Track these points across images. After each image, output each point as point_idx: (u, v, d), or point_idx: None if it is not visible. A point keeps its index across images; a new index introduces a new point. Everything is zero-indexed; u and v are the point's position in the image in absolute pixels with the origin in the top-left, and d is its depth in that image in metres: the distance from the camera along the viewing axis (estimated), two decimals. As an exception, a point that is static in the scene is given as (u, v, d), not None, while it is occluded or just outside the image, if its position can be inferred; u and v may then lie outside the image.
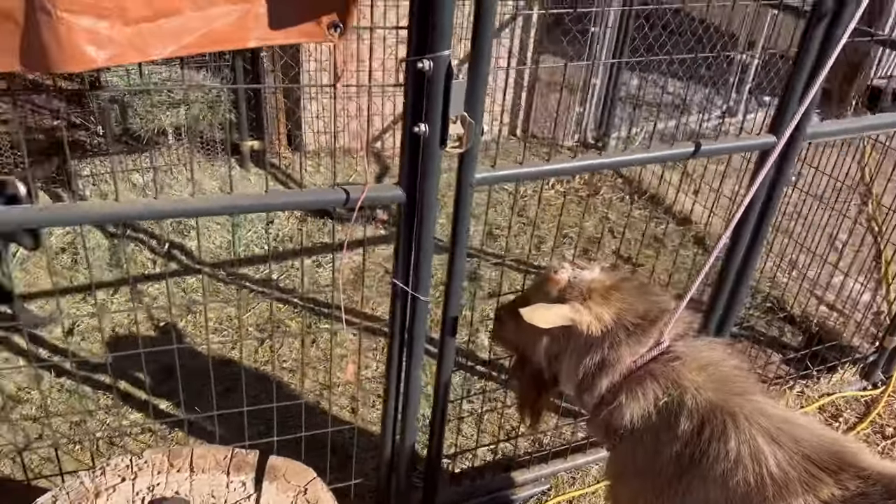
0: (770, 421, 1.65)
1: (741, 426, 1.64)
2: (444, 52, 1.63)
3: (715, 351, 1.81)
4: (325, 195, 1.81)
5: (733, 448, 1.62)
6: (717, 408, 1.68)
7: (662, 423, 1.74)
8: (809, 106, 2.16)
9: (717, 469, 1.63)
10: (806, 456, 1.58)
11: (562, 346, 1.86)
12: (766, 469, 1.58)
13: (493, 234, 4.51)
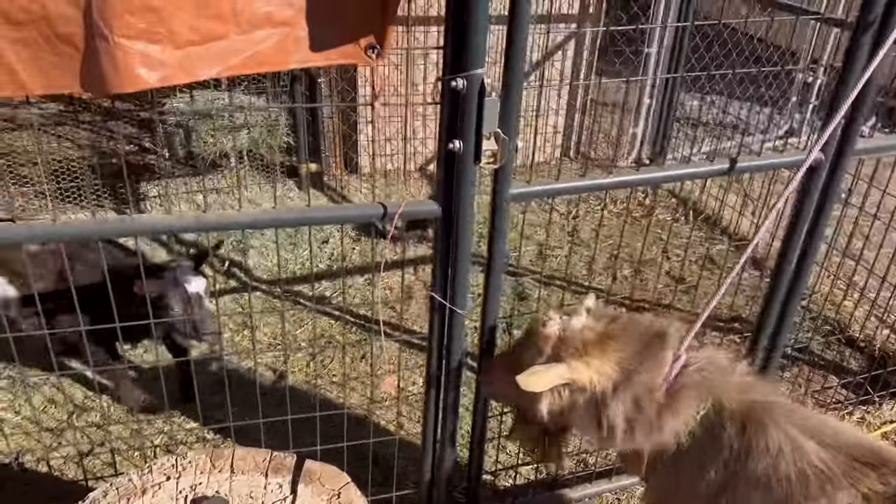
0: (805, 419, 1.64)
1: (780, 423, 1.62)
2: (478, 71, 1.68)
3: (728, 358, 1.80)
4: (363, 210, 1.88)
5: (774, 443, 1.60)
6: (753, 408, 1.67)
7: (706, 435, 1.72)
8: (855, 120, 2.12)
9: (761, 466, 1.60)
10: (846, 451, 1.56)
11: (567, 403, 1.81)
12: (808, 462, 1.55)
13: (544, 253, 4.51)
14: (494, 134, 1.79)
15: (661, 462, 1.79)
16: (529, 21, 1.68)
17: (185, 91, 4.30)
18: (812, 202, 2.28)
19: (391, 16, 1.64)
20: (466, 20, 1.62)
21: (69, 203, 4.33)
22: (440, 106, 1.79)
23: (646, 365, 1.72)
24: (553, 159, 5.65)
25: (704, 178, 2.04)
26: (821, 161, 2.19)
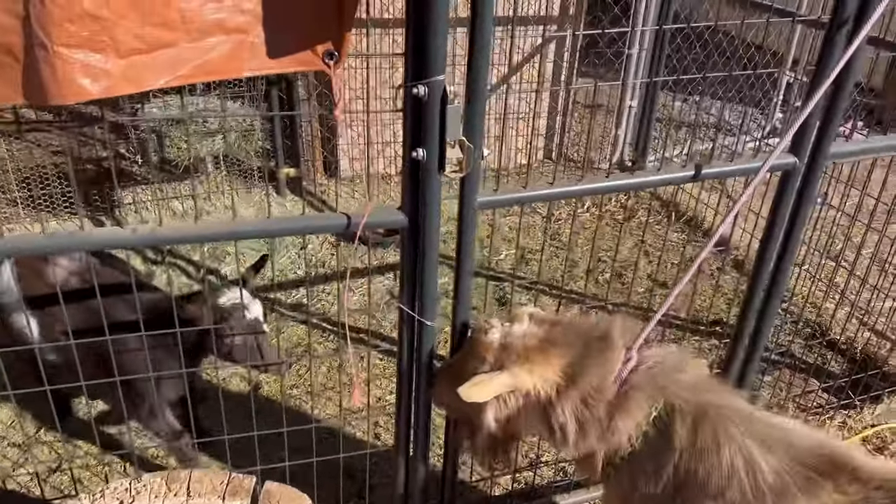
0: (759, 426, 1.62)
1: (732, 434, 1.60)
2: (439, 78, 1.63)
3: (683, 356, 1.78)
4: (325, 221, 1.83)
5: (726, 457, 1.58)
6: (707, 414, 1.64)
7: (659, 437, 1.69)
8: (829, 123, 2.09)
9: (714, 480, 1.58)
10: (801, 461, 1.54)
11: (513, 410, 1.78)
12: (763, 480, 1.54)
13: (525, 257, 4.47)
14: (459, 142, 1.74)
15: (616, 465, 1.77)
16: (493, 23, 1.63)
17: (157, 96, 4.23)
18: (788, 205, 2.25)
19: (348, 21, 1.59)
20: (425, 26, 1.57)
21: (43, 211, 4.25)
22: (403, 113, 1.74)
23: (593, 367, 1.70)
24: (535, 161, 5.61)
25: (675, 185, 1.98)
26: (795, 165, 2.15)
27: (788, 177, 2.19)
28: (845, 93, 2.09)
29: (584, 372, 1.70)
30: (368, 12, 1.80)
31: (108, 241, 1.69)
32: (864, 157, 2.28)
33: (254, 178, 4.83)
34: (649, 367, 1.73)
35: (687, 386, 1.71)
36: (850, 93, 2.15)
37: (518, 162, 5.58)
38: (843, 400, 3.17)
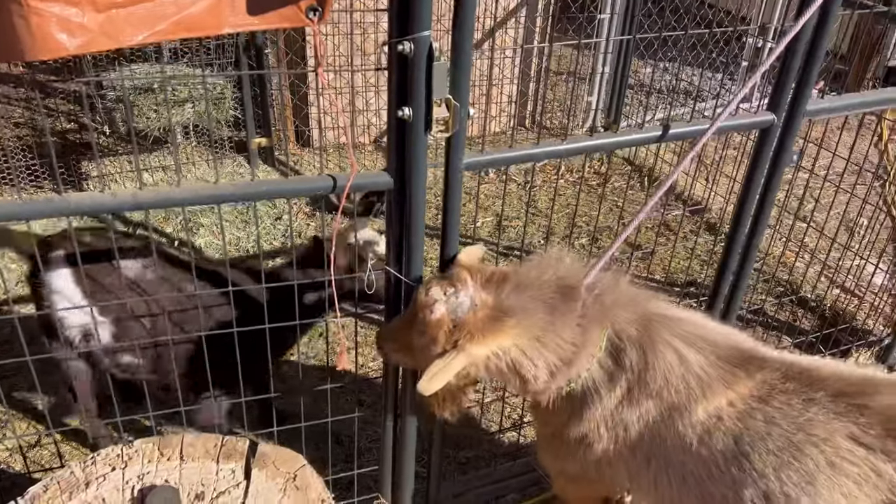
0: (684, 327, 1.81)
1: (668, 339, 1.78)
2: (425, 33, 1.61)
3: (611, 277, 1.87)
4: (312, 183, 1.80)
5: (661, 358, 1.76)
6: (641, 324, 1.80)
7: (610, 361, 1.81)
8: (805, 82, 2.11)
9: (651, 379, 1.77)
10: (722, 357, 1.77)
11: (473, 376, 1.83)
12: (692, 372, 1.75)
13: (503, 225, 4.48)
14: (446, 100, 1.72)
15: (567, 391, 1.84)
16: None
17: (124, 63, 4.11)
18: (765, 163, 2.28)
19: (331, -24, 1.56)
20: (411, -21, 1.54)
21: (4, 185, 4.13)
22: (388, 72, 1.71)
23: (558, 323, 1.74)
24: (508, 129, 5.60)
25: (644, 144, 2.00)
26: (773, 122, 2.18)
27: (766, 134, 2.22)
28: (821, 51, 2.11)
29: (553, 327, 1.74)
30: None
31: (89, 206, 1.64)
32: (838, 113, 2.31)
33: (224, 149, 4.74)
34: (596, 298, 1.81)
35: (623, 305, 1.83)
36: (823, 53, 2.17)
37: (492, 129, 5.56)
38: (814, 355, 3.26)
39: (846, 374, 1.73)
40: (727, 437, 1.70)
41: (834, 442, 1.61)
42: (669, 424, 1.77)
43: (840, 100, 2.34)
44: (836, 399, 1.66)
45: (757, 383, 1.73)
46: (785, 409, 1.67)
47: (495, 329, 1.73)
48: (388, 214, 1.92)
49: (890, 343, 3.29)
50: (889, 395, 1.64)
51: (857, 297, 3.61)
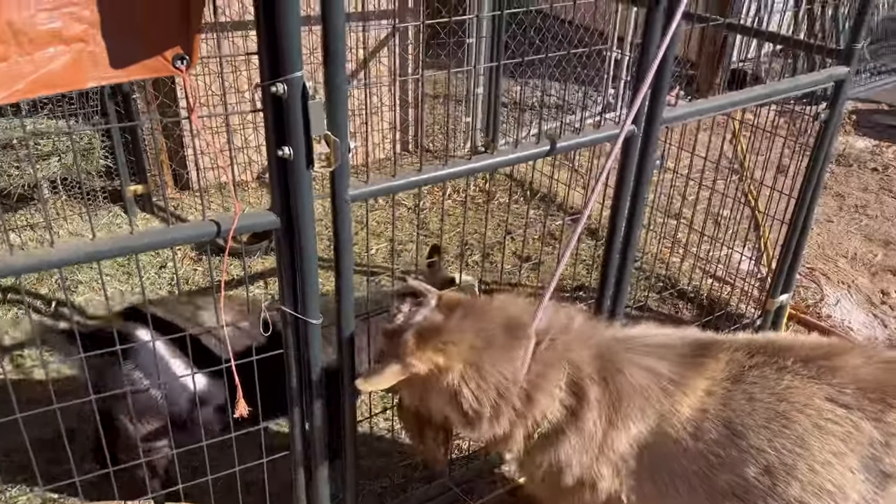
0: (642, 342, 1.88)
1: (631, 360, 1.83)
2: (297, 74, 1.63)
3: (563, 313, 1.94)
4: (195, 230, 1.77)
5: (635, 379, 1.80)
6: (602, 354, 1.83)
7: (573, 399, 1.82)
8: (659, 92, 2.29)
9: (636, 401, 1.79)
10: (682, 353, 1.84)
11: (422, 393, 1.87)
12: (666, 378, 1.80)
13: (397, 249, 4.52)
14: (325, 136, 1.75)
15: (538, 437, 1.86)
16: (345, 18, 1.65)
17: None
18: (631, 170, 2.44)
19: (197, 24, 1.55)
20: (278, 22, 1.56)
21: None
22: (264, 113, 1.72)
23: (503, 354, 1.78)
24: (392, 155, 5.66)
25: (533, 160, 2.11)
26: (634, 132, 2.35)
27: (629, 143, 2.39)
28: (669, 64, 2.30)
29: (493, 359, 1.77)
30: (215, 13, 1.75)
31: (-48, 277, 1.54)
32: (692, 118, 2.52)
33: (98, 200, 4.52)
34: (550, 340, 1.84)
35: (579, 341, 1.86)
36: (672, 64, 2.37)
37: (376, 156, 5.61)
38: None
39: (805, 341, 1.84)
40: (718, 424, 1.75)
41: (815, 405, 1.69)
42: (662, 435, 1.79)
43: (692, 106, 2.55)
44: (806, 364, 1.74)
45: (725, 365, 1.80)
46: (761, 382, 1.74)
47: (433, 346, 1.79)
48: (277, 253, 1.91)
49: (760, 324, 3.58)
50: (853, 356, 1.75)
51: (728, 284, 3.91)
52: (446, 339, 1.78)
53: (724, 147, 3.63)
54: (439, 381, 1.79)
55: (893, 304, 3.96)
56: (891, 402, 1.67)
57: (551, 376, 1.79)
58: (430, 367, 1.78)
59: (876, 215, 4.88)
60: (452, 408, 1.82)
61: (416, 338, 1.80)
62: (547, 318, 1.89)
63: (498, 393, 1.76)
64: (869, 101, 6.74)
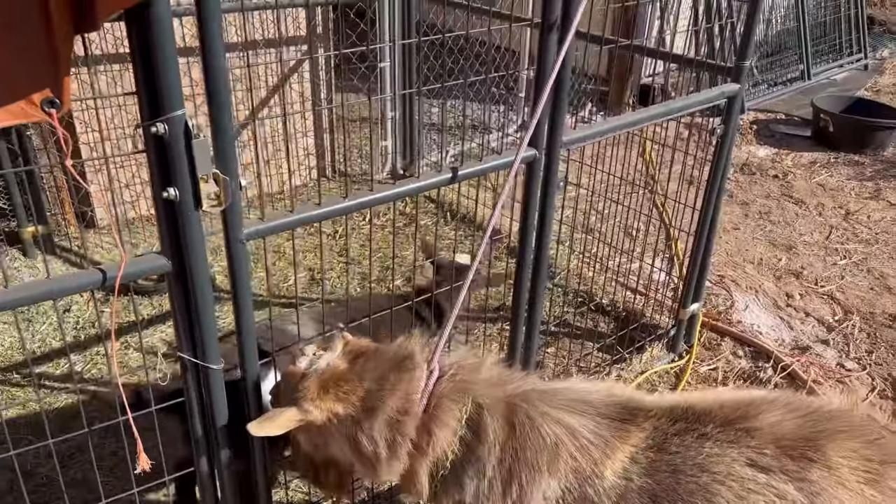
0: (562, 397, 1.80)
1: (544, 410, 1.74)
2: (178, 113, 1.57)
3: (473, 355, 1.90)
4: (76, 280, 1.68)
5: (548, 433, 1.73)
6: (514, 400, 1.76)
7: (474, 438, 1.76)
8: (557, 115, 2.33)
9: (543, 458, 1.72)
10: (606, 415, 1.77)
11: (318, 439, 1.84)
12: (585, 438, 1.73)
13: (315, 278, 4.44)
14: (213, 175, 1.69)
15: (441, 478, 1.80)
16: (224, 48, 1.59)
17: None
18: (536, 192, 2.47)
19: (65, 66, 1.47)
20: (154, 61, 1.51)
21: None
22: (146, 154, 1.65)
23: (394, 389, 1.74)
24: (310, 181, 5.59)
25: (435, 188, 2.10)
26: (535, 157, 2.37)
27: (532, 167, 2.41)
28: (565, 86, 2.34)
29: (384, 397, 1.74)
30: (86, 50, 1.67)
31: None
32: (591, 140, 2.57)
33: (-7, 244, 4.27)
34: (451, 376, 1.81)
35: (488, 383, 1.81)
36: (572, 85, 2.41)
37: (294, 184, 5.51)
38: (615, 356, 3.56)
39: (726, 400, 1.76)
40: (644, 496, 1.68)
41: (736, 474, 1.62)
42: (582, 498, 1.72)
43: (591, 128, 2.60)
44: (725, 428, 1.68)
45: (650, 433, 1.72)
46: (683, 453, 1.67)
47: (333, 390, 1.76)
48: (170, 297, 1.83)
49: (675, 333, 3.67)
50: (770, 412, 1.69)
51: (643, 295, 4.00)
52: (347, 389, 1.76)
53: (634, 161, 3.73)
54: (338, 429, 1.76)
55: (798, 306, 4.14)
56: (812, 457, 1.62)
57: (451, 409, 1.75)
58: (328, 416, 1.75)
59: (778, 220, 5.11)
60: (352, 452, 1.78)
61: (318, 385, 1.76)
62: (457, 357, 1.87)
63: (391, 428, 1.73)
64: (768, 111, 7.09)
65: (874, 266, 4.52)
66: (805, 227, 5.03)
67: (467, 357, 1.87)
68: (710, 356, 3.70)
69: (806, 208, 5.30)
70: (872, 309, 4.08)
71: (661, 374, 3.59)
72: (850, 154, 6.11)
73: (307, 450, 1.90)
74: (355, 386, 1.77)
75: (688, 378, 3.55)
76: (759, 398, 1.74)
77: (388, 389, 1.75)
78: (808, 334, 3.89)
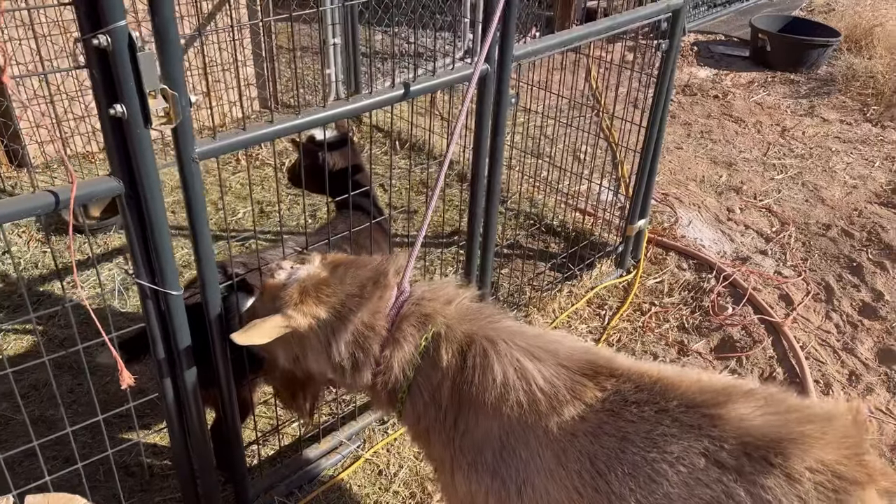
0: (526, 340, 1.74)
1: (501, 350, 1.71)
2: (120, 24, 1.50)
3: (451, 287, 1.88)
4: (29, 203, 1.62)
5: (499, 372, 1.68)
6: (475, 335, 1.74)
7: (429, 364, 1.77)
8: (507, 30, 2.31)
9: (489, 397, 1.68)
10: (565, 366, 1.68)
11: (297, 349, 1.84)
12: (536, 385, 1.66)
13: (265, 211, 4.37)
14: (161, 91, 1.63)
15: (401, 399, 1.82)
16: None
17: None
18: (489, 109, 2.47)
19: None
20: (91, -33, 1.43)
21: None
22: (88, 69, 1.58)
23: (363, 303, 1.76)
24: (252, 112, 5.43)
25: (390, 105, 2.08)
26: (487, 71, 2.36)
27: (484, 82, 2.40)
28: (515, 1, 2.32)
29: (354, 310, 1.76)
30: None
31: None
32: (541, 55, 2.57)
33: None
34: (418, 300, 1.81)
35: (457, 315, 1.79)
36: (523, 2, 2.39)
37: (234, 115, 5.36)
38: (566, 273, 3.66)
39: (703, 382, 1.60)
40: (583, 455, 1.59)
41: (688, 460, 1.49)
42: (522, 442, 1.66)
43: (540, 42, 2.59)
44: (688, 410, 1.54)
45: (608, 394, 1.62)
46: (637, 423, 1.56)
47: (314, 298, 1.78)
48: (125, 222, 1.78)
49: (623, 250, 3.79)
50: (742, 403, 1.52)
51: (591, 215, 4.09)
52: (328, 292, 1.77)
53: (580, 84, 3.75)
54: (316, 336, 1.77)
55: (738, 220, 4.30)
56: (772, 461, 1.45)
57: (410, 334, 1.77)
58: (310, 322, 1.76)
59: (719, 139, 5.25)
60: (326, 362, 1.80)
61: (300, 291, 1.78)
62: (433, 285, 1.87)
63: (357, 342, 1.76)
64: (708, 32, 7.17)
65: (808, 179, 4.72)
66: (744, 144, 5.18)
67: (443, 286, 1.87)
68: (657, 270, 3.84)
69: (745, 126, 5.44)
70: (807, 220, 4.27)
71: (609, 289, 3.71)
72: (786, 73, 6.27)
73: (286, 364, 1.91)
74: (336, 290, 1.78)
75: (635, 291, 3.69)
76: (737, 386, 1.58)
77: (363, 299, 1.76)
78: (748, 246, 4.07)
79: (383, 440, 2.81)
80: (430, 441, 1.82)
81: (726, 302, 3.62)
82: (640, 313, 3.56)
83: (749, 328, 3.45)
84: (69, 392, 3.01)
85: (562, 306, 3.53)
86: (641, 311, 3.58)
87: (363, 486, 2.66)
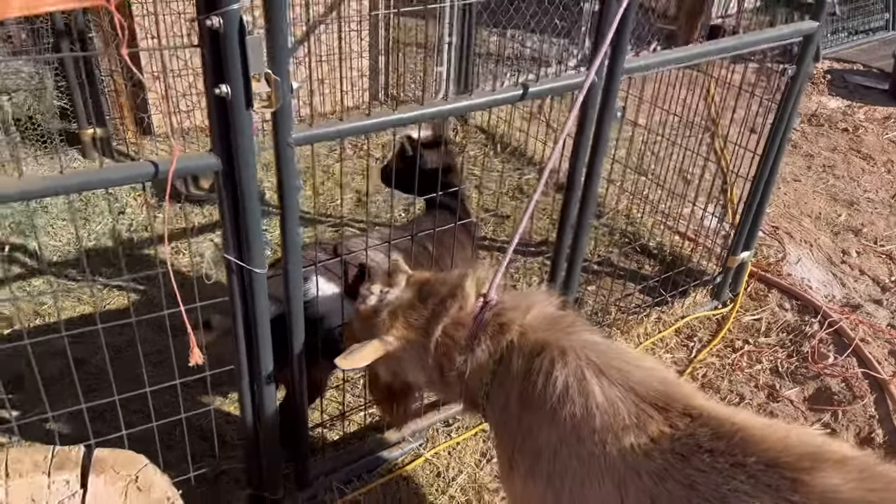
0: (600, 354, 1.68)
1: (569, 360, 1.66)
2: (234, 7, 1.55)
3: (536, 296, 1.90)
4: (129, 170, 1.71)
5: (560, 382, 1.64)
6: (548, 344, 1.71)
7: (503, 371, 1.80)
8: (620, 43, 2.23)
9: (548, 406, 1.65)
10: (635, 390, 1.60)
11: (395, 366, 1.97)
12: (594, 400, 1.59)
13: (362, 200, 4.46)
14: (265, 75, 1.68)
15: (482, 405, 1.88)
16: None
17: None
18: (592, 120, 2.40)
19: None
20: (212, -49, 1.48)
21: None
22: (200, 49, 1.64)
23: (444, 319, 1.83)
24: (362, 103, 5.55)
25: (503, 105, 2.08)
26: (594, 82, 2.29)
27: (589, 93, 2.33)
28: (630, 13, 2.24)
29: (437, 326, 1.84)
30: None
31: None
32: (653, 70, 2.47)
33: (55, 143, 4.38)
34: (499, 311, 1.83)
35: (532, 323, 1.79)
36: (637, 14, 2.31)
37: (346, 105, 5.49)
38: (656, 298, 3.51)
39: (792, 440, 1.45)
40: (644, 497, 1.50)
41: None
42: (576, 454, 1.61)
43: (653, 57, 2.49)
44: (768, 469, 1.40)
45: (680, 434, 1.52)
46: (707, 474, 1.44)
47: (402, 321, 1.89)
48: (219, 198, 1.85)
49: (721, 280, 3.60)
50: (833, 471, 1.36)
51: (692, 241, 3.91)
52: (416, 316, 1.88)
53: (696, 104, 3.58)
54: (410, 355, 1.89)
55: (853, 263, 4.00)
56: None
57: (485, 342, 1.81)
58: (402, 343, 1.88)
59: (842, 175, 4.90)
60: (422, 375, 1.93)
61: (392, 317, 1.89)
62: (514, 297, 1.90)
63: (442, 353, 1.84)
64: (844, 60, 6.71)
65: (940, 229, 4.33)
66: (870, 183, 4.81)
67: (527, 295, 1.90)
68: (756, 306, 3.63)
69: (874, 164, 5.05)
70: (933, 273, 3.92)
71: (701, 321, 3.53)
72: (929, 112, 5.78)
73: (386, 378, 2.04)
74: (421, 311, 1.88)
75: (729, 326, 3.49)
76: (830, 452, 1.41)
77: (445, 315, 1.84)
78: (861, 293, 3.77)
79: (446, 442, 2.80)
80: (501, 441, 1.86)
81: (828, 350, 3.37)
82: (732, 350, 3.37)
83: (850, 381, 3.19)
84: (158, 351, 3.17)
85: (648, 332, 3.40)
86: (733, 348, 3.38)
87: (420, 486, 2.66)
